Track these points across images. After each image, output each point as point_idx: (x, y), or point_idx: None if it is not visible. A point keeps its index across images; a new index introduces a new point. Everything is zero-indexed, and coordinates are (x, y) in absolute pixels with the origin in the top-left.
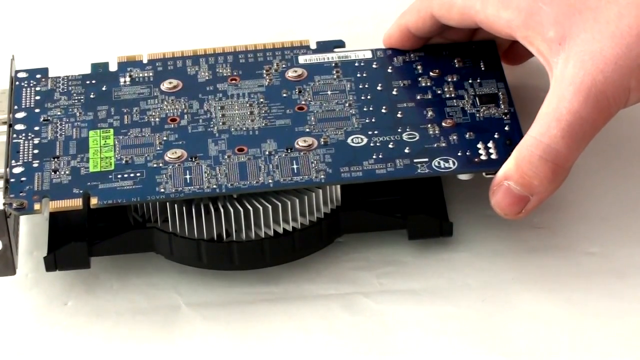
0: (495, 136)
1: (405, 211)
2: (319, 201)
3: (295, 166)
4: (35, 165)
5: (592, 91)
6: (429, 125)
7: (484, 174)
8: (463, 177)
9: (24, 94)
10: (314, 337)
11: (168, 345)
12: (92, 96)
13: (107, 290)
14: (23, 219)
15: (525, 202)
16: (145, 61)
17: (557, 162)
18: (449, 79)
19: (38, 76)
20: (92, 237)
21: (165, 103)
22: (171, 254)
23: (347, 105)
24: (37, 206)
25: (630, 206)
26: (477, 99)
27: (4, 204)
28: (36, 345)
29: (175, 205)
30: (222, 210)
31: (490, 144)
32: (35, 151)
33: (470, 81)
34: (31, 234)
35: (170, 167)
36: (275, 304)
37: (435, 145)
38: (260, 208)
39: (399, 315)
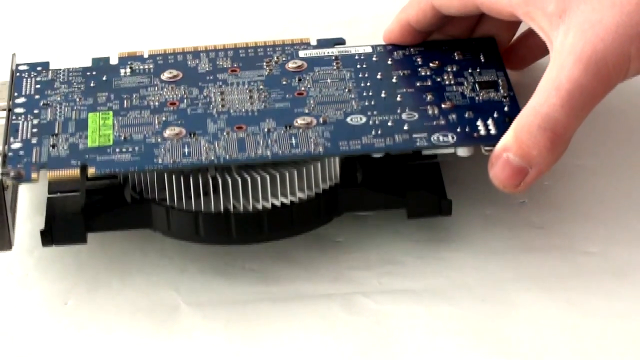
0: (495, 115)
1: (404, 190)
2: (317, 175)
3: (293, 141)
4: (34, 141)
5: (592, 59)
6: (428, 107)
7: (483, 149)
8: (462, 153)
9: (24, 84)
10: (314, 337)
11: (168, 345)
12: (92, 85)
13: (107, 290)
14: (24, 219)
15: (524, 174)
16: (146, 56)
17: (556, 130)
18: (449, 69)
19: (39, 69)
20: (89, 214)
21: (165, 90)
22: (168, 230)
23: (346, 90)
24: (34, 175)
25: (630, 206)
26: (476, 85)
27: (2, 175)
28: (36, 345)
29: (174, 177)
30: (219, 180)
31: (489, 122)
32: (34, 130)
33: (470, 71)
34: (32, 233)
35: (169, 142)
36: (275, 304)
37: (434, 123)
38: (258, 178)
39: (399, 315)
